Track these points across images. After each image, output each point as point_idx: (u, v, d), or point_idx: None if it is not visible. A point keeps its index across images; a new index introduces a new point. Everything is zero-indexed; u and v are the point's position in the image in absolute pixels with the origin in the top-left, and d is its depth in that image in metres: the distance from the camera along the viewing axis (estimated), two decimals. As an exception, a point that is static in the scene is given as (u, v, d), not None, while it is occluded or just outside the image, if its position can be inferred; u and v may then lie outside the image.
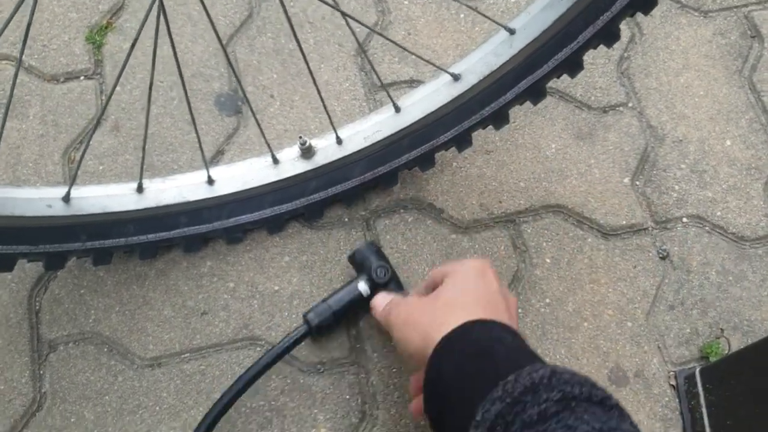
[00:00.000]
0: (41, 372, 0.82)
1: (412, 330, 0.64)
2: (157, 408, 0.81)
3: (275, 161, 0.83)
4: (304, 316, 0.82)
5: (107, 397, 0.81)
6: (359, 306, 0.82)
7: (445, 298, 0.65)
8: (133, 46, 0.59)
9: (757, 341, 0.75)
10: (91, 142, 0.93)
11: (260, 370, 0.78)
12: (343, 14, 0.65)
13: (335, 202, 0.91)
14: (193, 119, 0.73)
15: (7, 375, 0.82)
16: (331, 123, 0.81)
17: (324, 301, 0.82)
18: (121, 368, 0.83)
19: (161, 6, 0.58)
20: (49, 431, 0.80)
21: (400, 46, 0.76)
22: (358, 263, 0.84)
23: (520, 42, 0.75)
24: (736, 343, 0.89)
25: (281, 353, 0.79)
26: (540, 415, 0.47)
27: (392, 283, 0.82)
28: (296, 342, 0.80)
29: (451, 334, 0.58)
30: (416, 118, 0.81)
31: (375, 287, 0.81)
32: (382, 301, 0.77)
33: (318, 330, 0.81)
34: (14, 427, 0.80)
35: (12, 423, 0.80)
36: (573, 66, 0.78)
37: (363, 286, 0.82)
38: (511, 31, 0.76)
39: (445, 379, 0.57)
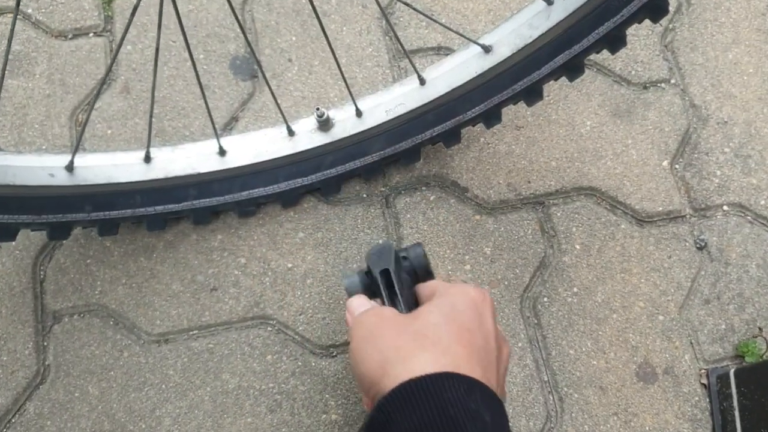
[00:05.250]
0: (45, 344, 0.80)
1: (372, 347, 0.51)
2: (163, 386, 0.78)
3: (290, 133, 0.78)
4: None
5: (112, 373, 0.79)
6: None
7: (422, 321, 0.52)
8: None
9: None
10: (100, 105, 0.88)
11: None
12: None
13: (353, 177, 0.86)
14: (202, 89, 0.68)
15: (10, 345, 0.79)
16: (351, 94, 0.76)
17: None
18: (127, 343, 0.80)
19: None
20: (53, 405, 0.77)
21: (425, 15, 0.70)
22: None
23: (558, 14, 0.69)
24: (774, 341, 0.84)
25: None
26: None
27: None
28: None
29: (419, 382, 0.45)
30: (442, 92, 0.76)
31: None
32: (358, 305, 0.62)
33: None
34: (17, 399, 0.77)
35: (15, 395, 0.77)
36: (615, 41, 0.72)
37: None
38: (549, 2, 0.70)
39: None
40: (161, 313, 0.81)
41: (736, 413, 0.77)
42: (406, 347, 0.49)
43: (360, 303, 0.62)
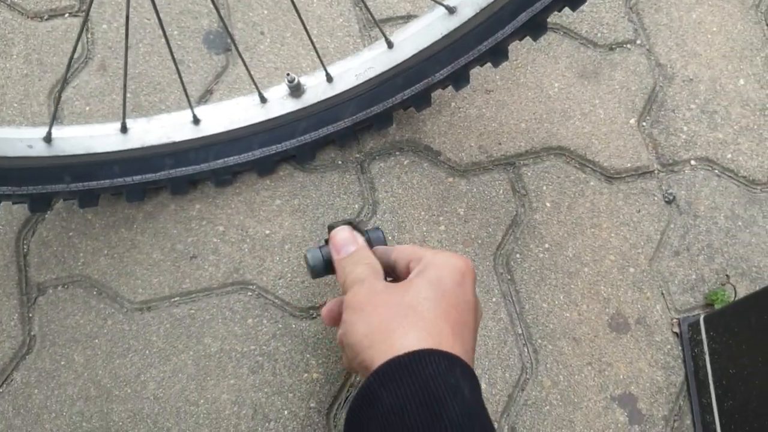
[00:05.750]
0: (30, 315, 0.81)
1: (360, 319, 0.54)
2: (147, 352, 0.80)
3: (263, 100, 0.80)
4: None
5: (97, 341, 0.80)
6: None
7: (412, 296, 0.54)
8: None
9: (762, 288, 0.72)
10: (77, 83, 0.90)
11: None
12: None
13: (328, 144, 0.88)
14: (173, 55, 0.70)
15: (-5, 318, 0.81)
16: (320, 59, 0.78)
17: None
18: (111, 312, 0.81)
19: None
20: (39, 374, 0.79)
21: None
22: None
23: (519, -29, 0.71)
24: (744, 290, 0.86)
25: None
26: None
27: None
28: None
29: (402, 360, 0.48)
30: (410, 54, 0.78)
31: None
32: (342, 240, 0.65)
33: None
34: (4, 369, 0.79)
35: (2, 366, 0.79)
36: (575, -2, 0.73)
37: None
38: (510, -40, 0.72)
39: (379, 412, 0.47)
40: (143, 281, 0.83)
41: (707, 357, 0.79)
42: (394, 322, 0.51)
43: (344, 237, 0.65)
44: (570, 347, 0.82)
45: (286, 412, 0.78)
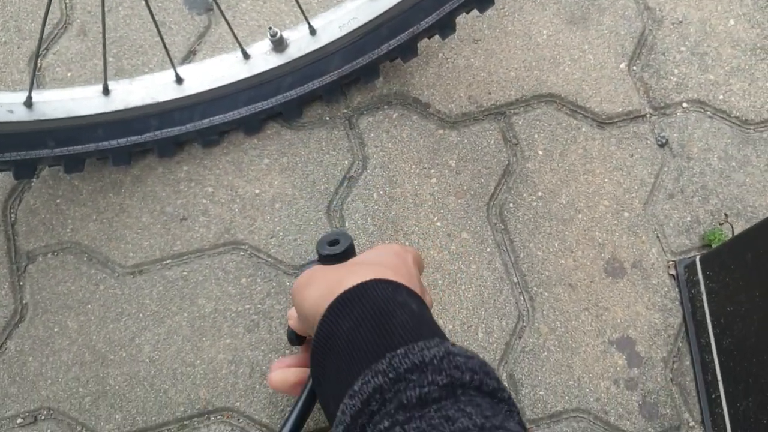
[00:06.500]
0: (21, 283, 0.81)
1: (312, 289, 0.56)
2: (141, 315, 0.80)
3: (245, 56, 0.79)
4: None
5: (90, 306, 0.80)
6: None
7: (352, 261, 0.58)
8: None
9: (756, 223, 0.72)
10: (57, 48, 0.88)
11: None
12: None
13: (314, 100, 0.87)
14: (153, 16, 0.69)
15: (-14, 288, 0.80)
16: (302, 11, 0.76)
17: None
18: (102, 277, 0.81)
19: None
20: (33, 342, 0.79)
21: None
22: None
23: None
24: (740, 230, 0.85)
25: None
26: (420, 399, 0.41)
27: None
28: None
29: (352, 290, 0.51)
30: (394, 3, 0.76)
31: None
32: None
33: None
34: (-2, 339, 0.79)
35: (-5, 335, 0.79)
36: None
37: None
38: None
39: (338, 338, 0.49)
40: (133, 245, 0.82)
41: (704, 297, 0.78)
42: (342, 276, 0.54)
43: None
44: (566, 293, 0.81)
45: (283, 368, 0.78)
